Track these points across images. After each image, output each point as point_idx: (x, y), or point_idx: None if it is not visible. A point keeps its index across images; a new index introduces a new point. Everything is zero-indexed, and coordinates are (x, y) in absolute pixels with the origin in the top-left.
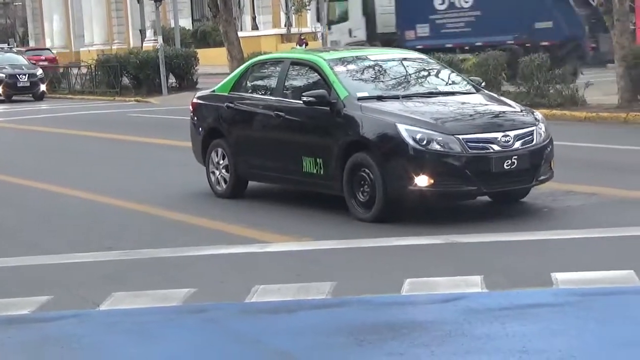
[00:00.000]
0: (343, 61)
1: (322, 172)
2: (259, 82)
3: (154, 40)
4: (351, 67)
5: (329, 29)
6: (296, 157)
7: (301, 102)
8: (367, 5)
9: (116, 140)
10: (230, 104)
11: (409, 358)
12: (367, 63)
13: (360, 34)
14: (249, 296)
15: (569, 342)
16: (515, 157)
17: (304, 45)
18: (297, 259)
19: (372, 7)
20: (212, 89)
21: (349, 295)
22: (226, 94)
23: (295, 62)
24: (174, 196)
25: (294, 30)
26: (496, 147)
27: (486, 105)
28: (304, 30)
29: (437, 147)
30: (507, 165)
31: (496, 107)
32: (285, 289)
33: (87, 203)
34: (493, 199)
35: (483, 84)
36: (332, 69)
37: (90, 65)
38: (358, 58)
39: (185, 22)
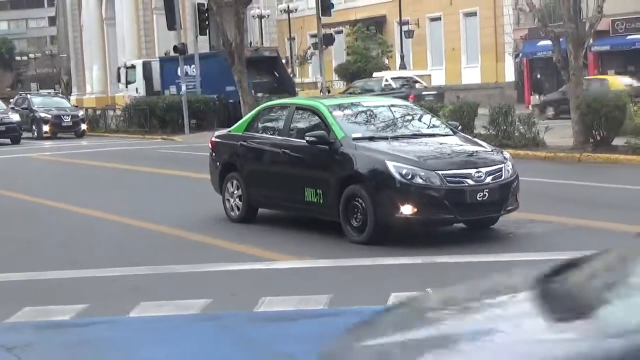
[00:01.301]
0: (340, 107)
1: (321, 201)
2: (268, 124)
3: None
4: (347, 111)
5: (127, 87)
6: (299, 188)
7: (304, 141)
8: (145, 72)
9: (145, 172)
10: (244, 142)
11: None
12: (360, 108)
13: (142, 91)
14: (257, 306)
15: None
16: (487, 190)
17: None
18: (299, 275)
19: (149, 73)
20: (229, 130)
21: (343, 306)
22: (240, 133)
23: (300, 107)
24: (194, 220)
25: (297, 80)
26: (470, 182)
27: (462, 145)
28: (306, 80)
29: (420, 180)
30: (479, 197)
31: (470, 147)
32: (289, 301)
33: (119, 225)
34: (467, 225)
35: (459, 127)
36: (330, 113)
37: (124, 108)
38: (353, 104)
39: None
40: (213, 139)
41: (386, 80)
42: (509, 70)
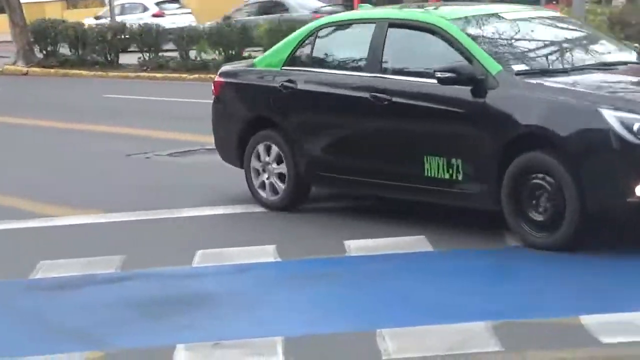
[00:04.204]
0: (472, 22)
1: (459, 178)
2: (335, 54)
3: None
4: (486, 30)
5: None
6: (411, 157)
7: (416, 79)
8: None
9: None
10: (289, 83)
11: (199, 329)
12: (503, 25)
13: None
14: (33, 273)
15: (370, 307)
16: None
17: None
18: (84, 232)
19: None
20: (249, 63)
21: (138, 269)
22: (277, 69)
23: (398, 24)
24: None
25: None
26: None
27: None
28: None
29: None
30: None
31: None
32: (72, 265)
33: None
34: None
35: None
36: (465, 33)
37: None
38: (488, 17)
39: None
40: (220, 78)
41: None
42: None
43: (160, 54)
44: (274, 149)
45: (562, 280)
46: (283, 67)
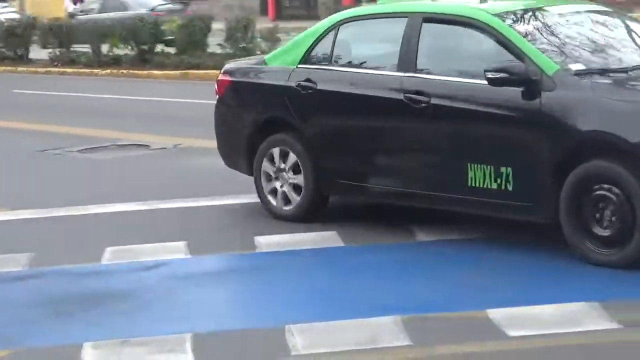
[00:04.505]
0: (516, 16)
1: (509, 188)
2: (360, 51)
3: None
4: (534, 26)
5: None
6: (452, 164)
7: (458, 79)
8: None
9: None
10: (307, 83)
11: (108, 327)
12: (550, 20)
13: None
14: None
15: (280, 303)
16: None
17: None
18: None
19: None
20: (260, 60)
21: (46, 267)
22: (293, 67)
23: (434, 19)
24: None
25: None
26: None
27: None
28: None
29: None
30: None
31: None
32: None
33: None
34: None
35: None
36: (512, 28)
37: None
38: (532, 11)
39: None
40: (225, 77)
41: None
42: None
43: (71, 48)
44: (292, 156)
45: (470, 275)
46: (299, 65)
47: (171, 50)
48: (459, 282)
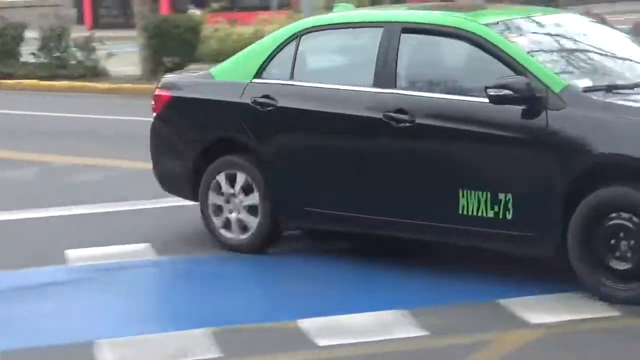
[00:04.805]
0: (509, 27)
1: (508, 216)
2: (327, 64)
3: None
4: (530, 38)
5: None
6: (440, 190)
7: (448, 96)
8: None
9: None
10: (265, 99)
11: None
12: (545, 31)
13: None
14: None
15: (90, 318)
16: None
17: None
18: None
19: None
20: (205, 73)
21: None
22: (246, 81)
23: (414, 29)
24: None
25: None
26: None
27: None
28: None
29: None
30: None
31: None
32: None
33: None
34: None
35: None
36: (510, 41)
37: None
38: (524, 21)
39: None
40: (164, 92)
41: None
42: None
43: None
44: (240, 177)
45: (279, 285)
46: (254, 80)
47: None
48: (269, 292)
